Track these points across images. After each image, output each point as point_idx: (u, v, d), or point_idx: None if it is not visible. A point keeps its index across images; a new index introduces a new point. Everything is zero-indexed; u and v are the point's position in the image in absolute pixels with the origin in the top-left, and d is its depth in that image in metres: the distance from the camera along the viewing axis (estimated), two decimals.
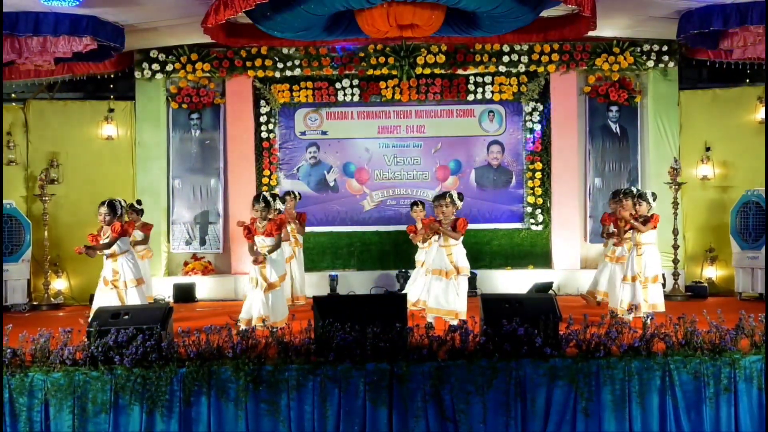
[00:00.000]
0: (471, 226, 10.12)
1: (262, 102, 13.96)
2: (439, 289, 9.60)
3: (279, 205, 10.55)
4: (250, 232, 9.63)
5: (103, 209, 9.49)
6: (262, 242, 9.62)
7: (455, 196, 9.79)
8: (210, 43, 12.97)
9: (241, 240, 12.85)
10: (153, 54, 13.56)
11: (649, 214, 10.05)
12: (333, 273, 13.18)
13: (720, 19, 10.49)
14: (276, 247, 9.67)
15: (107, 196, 9.95)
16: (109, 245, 9.43)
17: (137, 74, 13.67)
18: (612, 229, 10.88)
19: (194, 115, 13.98)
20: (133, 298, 9.41)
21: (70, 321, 10.28)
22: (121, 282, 9.44)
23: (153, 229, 12.31)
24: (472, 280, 12.36)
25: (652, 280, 9.96)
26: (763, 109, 13.31)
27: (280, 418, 7.33)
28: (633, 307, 9.80)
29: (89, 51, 11.03)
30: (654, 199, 10.32)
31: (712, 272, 13.54)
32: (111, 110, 13.83)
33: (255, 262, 9.48)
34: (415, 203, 11.80)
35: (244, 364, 7.29)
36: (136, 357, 7.27)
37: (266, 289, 9.46)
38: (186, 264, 13.85)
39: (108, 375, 7.29)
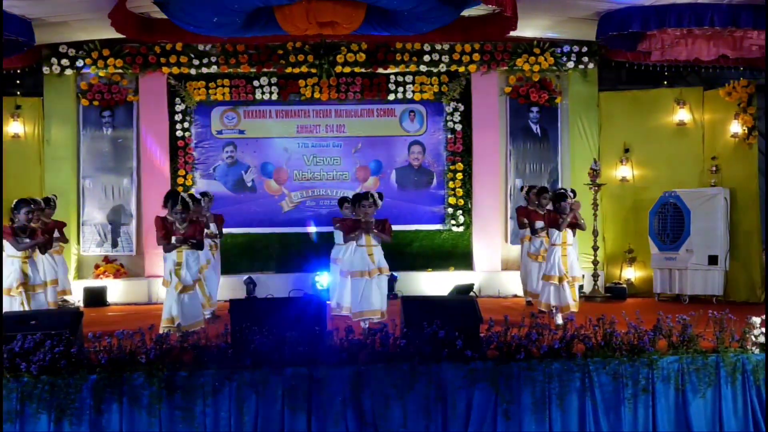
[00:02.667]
0: (392, 228, 9.98)
1: (177, 100, 13.71)
2: (363, 290, 9.48)
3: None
4: (167, 233, 9.30)
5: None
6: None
7: (377, 196, 9.65)
8: (123, 39, 12.62)
9: (155, 242, 12.56)
10: (62, 49, 13.17)
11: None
12: (250, 276, 12.90)
13: (639, 21, 10.60)
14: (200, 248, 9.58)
15: (14, 197, 9.68)
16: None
17: (45, 70, 13.27)
18: (540, 224, 10.94)
19: (106, 113, 13.64)
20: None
21: None
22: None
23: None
24: (392, 282, 12.28)
25: (577, 280, 9.99)
26: (681, 111, 13.47)
27: (195, 425, 7.15)
28: (555, 308, 9.78)
29: None
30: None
31: (631, 273, 13.67)
32: (18, 107, 13.43)
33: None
34: (345, 199, 11.59)
35: (157, 370, 7.10)
36: (43, 364, 7.01)
37: (181, 291, 9.21)
38: (97, 267, 13.48)
39: (14, 383, 7.01)
